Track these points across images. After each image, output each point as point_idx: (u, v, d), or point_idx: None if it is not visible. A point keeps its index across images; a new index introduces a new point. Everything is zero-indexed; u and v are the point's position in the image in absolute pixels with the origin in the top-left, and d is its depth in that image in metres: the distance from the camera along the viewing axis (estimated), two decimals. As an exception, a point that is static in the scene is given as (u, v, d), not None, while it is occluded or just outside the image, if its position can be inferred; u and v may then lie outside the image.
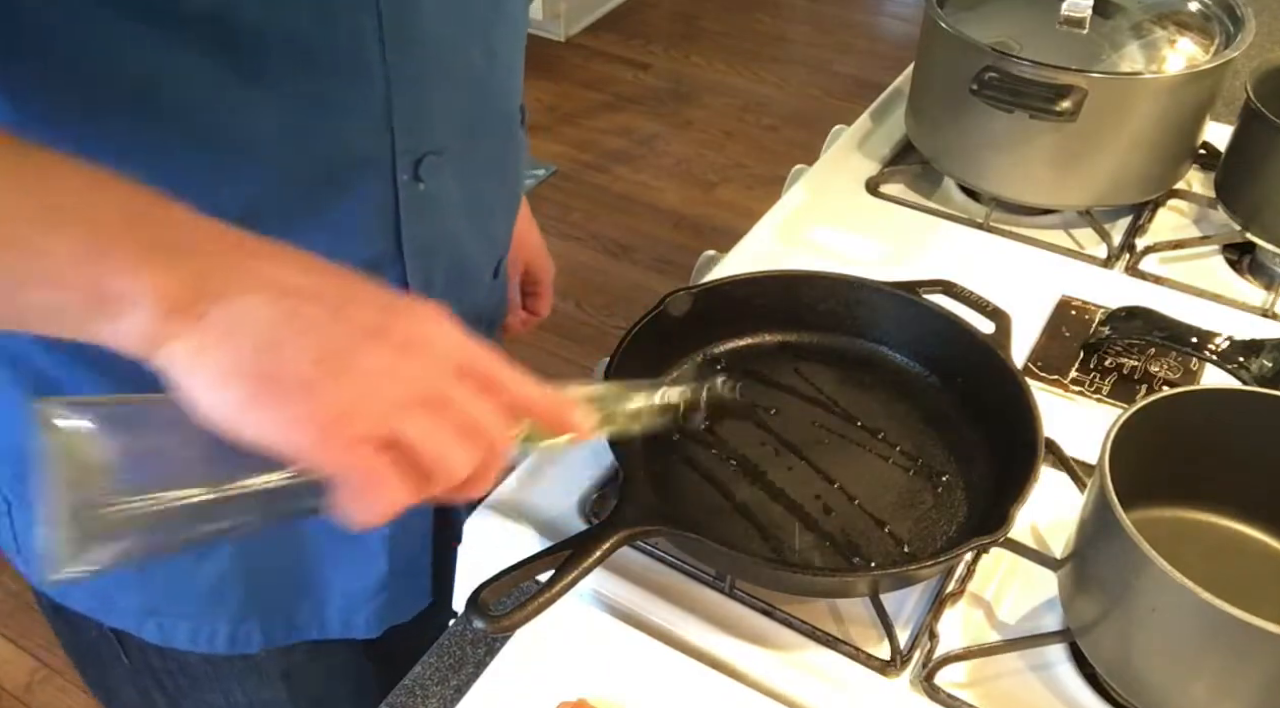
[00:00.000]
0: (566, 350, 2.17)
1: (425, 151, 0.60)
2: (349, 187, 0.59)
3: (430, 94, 0.59)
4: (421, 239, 0.63)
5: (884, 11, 3.43)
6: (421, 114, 0.59)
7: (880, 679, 0.65)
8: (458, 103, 0.62)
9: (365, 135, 0.57)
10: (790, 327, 0.82)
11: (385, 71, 0.55)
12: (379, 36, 0.54)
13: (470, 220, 0.69)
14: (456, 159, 0.63)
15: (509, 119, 0.71)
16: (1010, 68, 0.91)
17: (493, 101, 0.66)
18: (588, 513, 0.74)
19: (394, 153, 0.58)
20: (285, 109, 0.54)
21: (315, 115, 0.55)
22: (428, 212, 0.63)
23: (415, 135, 0.59)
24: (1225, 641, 0.54)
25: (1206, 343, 0.81)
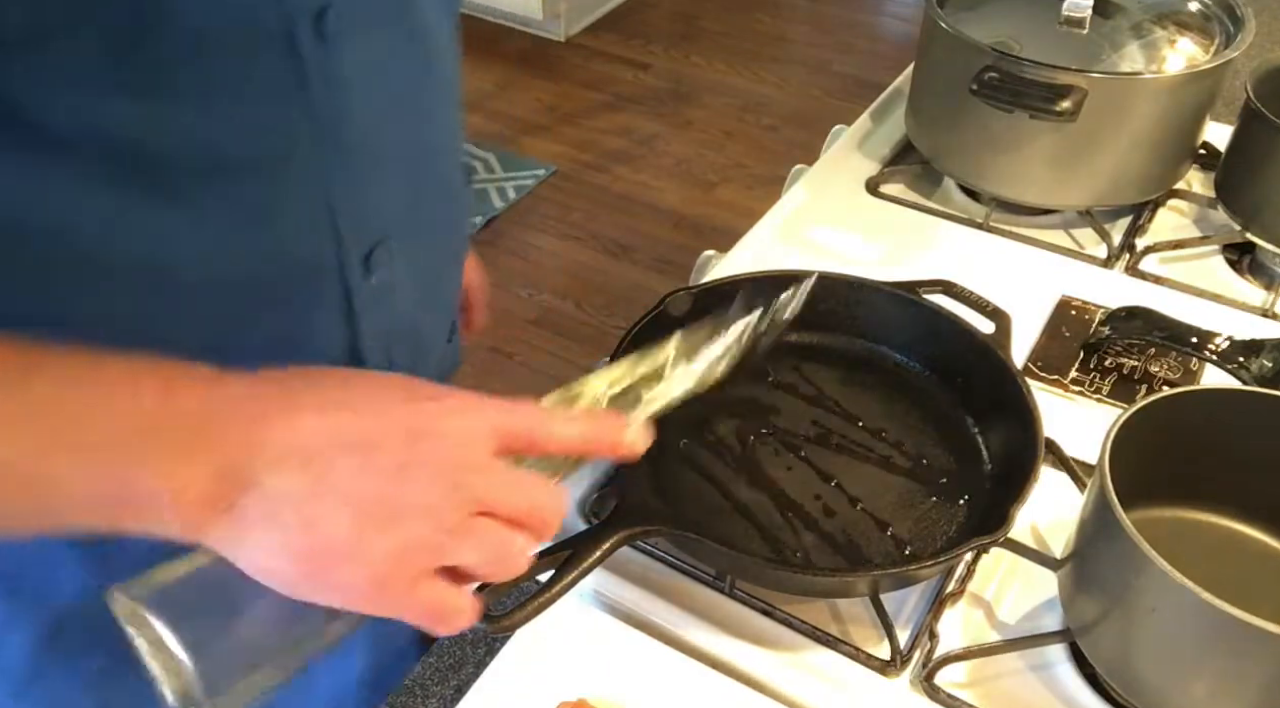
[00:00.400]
0: (566, 350, 2.17)
1: (373, 245, 0.57)
2: (299, 296, 0.56)
3: (371, 185, 0.56)
4: (378, 331, 0.61)
5: (884, 11, 3.43)
6: (365, 208, 0.56)
7: (880, 679, 0.65)
8: (399, 184, 0.59)
9: (310, 242, 0.54)
10: (790, 326, 0.82)
11: (324, 174, 0.52)
12: (315, 140, 0.51)
13: (423, 295, 0.66)
14: (404, 242, 0.60)
15: (452, 181, 0.67)
16: (1010, 68, 0.91)
17: (434, 171, 0.63)
18: (588, 513, 0.74)
19: (341, 253, 0.55)
20: (222, 230, 0.51)
21: (254, 232, 0.52)
22: (382, 303, 0.60)
23: (361, 231, 0.56)
24: (1225, 641, 0.54)
25: (1206, 343, 0.81)
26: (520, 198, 2.54)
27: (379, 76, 0.54)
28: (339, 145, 0.52)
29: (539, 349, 2.18)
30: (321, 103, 0.50)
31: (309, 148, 0.51)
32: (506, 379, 2.11)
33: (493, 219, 2.48)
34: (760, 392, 0.79)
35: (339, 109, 0.51)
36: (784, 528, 0.69)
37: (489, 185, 2.57)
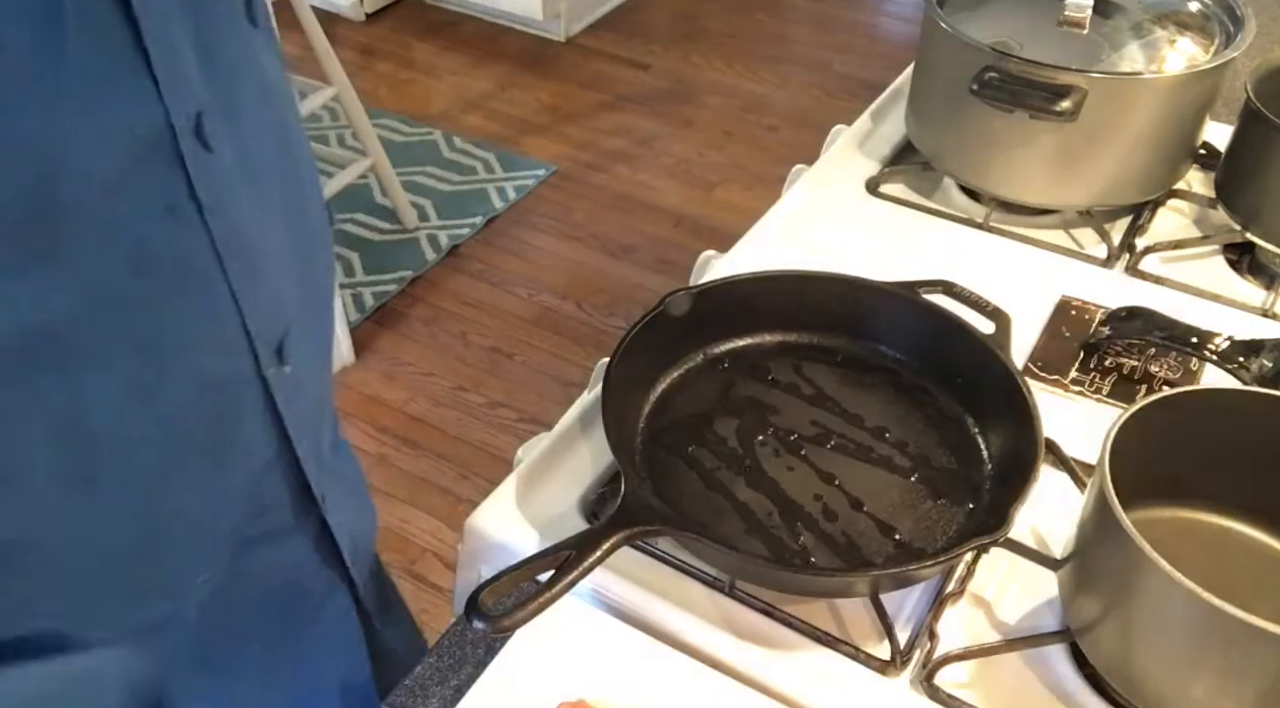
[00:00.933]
0: (566, 351, 2.17)
1: (282, 334, 0.56)
2: (225, 411, 0.54)
3: (268, 275, 0.54)
4: (303, 421, 0.60)
5: (884, 11, 3.43)
6: (269, 300, 0.54)
7: (880, 679, 0.65)
8: (290, 264, 0.57)
9: (224, 355, 0.53)
10: (790, 327, 0.82)
11: (228, 283, 0.51)
12: (213, 253, 0.49)
13: (321, 360, 0.66)
14: (303, 323, 0.59)
15: (322, 223, 0.65)
16: (1010, 68, 0.91)
17: (310, 227, 0.61)
18: (588, 513, 0.74)
19: (255, 353, 0.54)
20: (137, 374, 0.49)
21: (169, 362, 0.50)
22: (301, 391, 0.59)
23: (270, 324, 0.54)
24: (1225, 641, 0.54)
25: (1206, 343, 0.81)
26: (520, 198, 2.54)
27: (254, 168, 0.52)
28: (235, 249, 0.51)
29: (539, 349, 2.18)
30: (212, 212, 0.49)
31: (207, 261, 0.50)
32: (506, 379, 2.11)
33: (493, 219, 2.48)
34: (761, 392, 0.79)
35: (230, 213, 0.50)
36: (784, 528, 0.69)
37: (489, 185, 2.57)
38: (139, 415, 0.50)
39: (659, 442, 0.75)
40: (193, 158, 0.46)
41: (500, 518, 0.74)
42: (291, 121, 0.59)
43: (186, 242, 0.48)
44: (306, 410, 0.61)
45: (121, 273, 0.46)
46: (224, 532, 0.59)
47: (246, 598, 0.63)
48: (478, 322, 2.24)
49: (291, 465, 0.61)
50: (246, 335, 0.53)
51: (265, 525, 0.62)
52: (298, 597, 0.67)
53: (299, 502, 0.64)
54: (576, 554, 0.59)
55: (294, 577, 0.66)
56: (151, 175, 0.45)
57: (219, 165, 0.48)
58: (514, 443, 1.94)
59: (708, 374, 0.80)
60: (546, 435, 0.80)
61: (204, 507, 0.57)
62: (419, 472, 1.93)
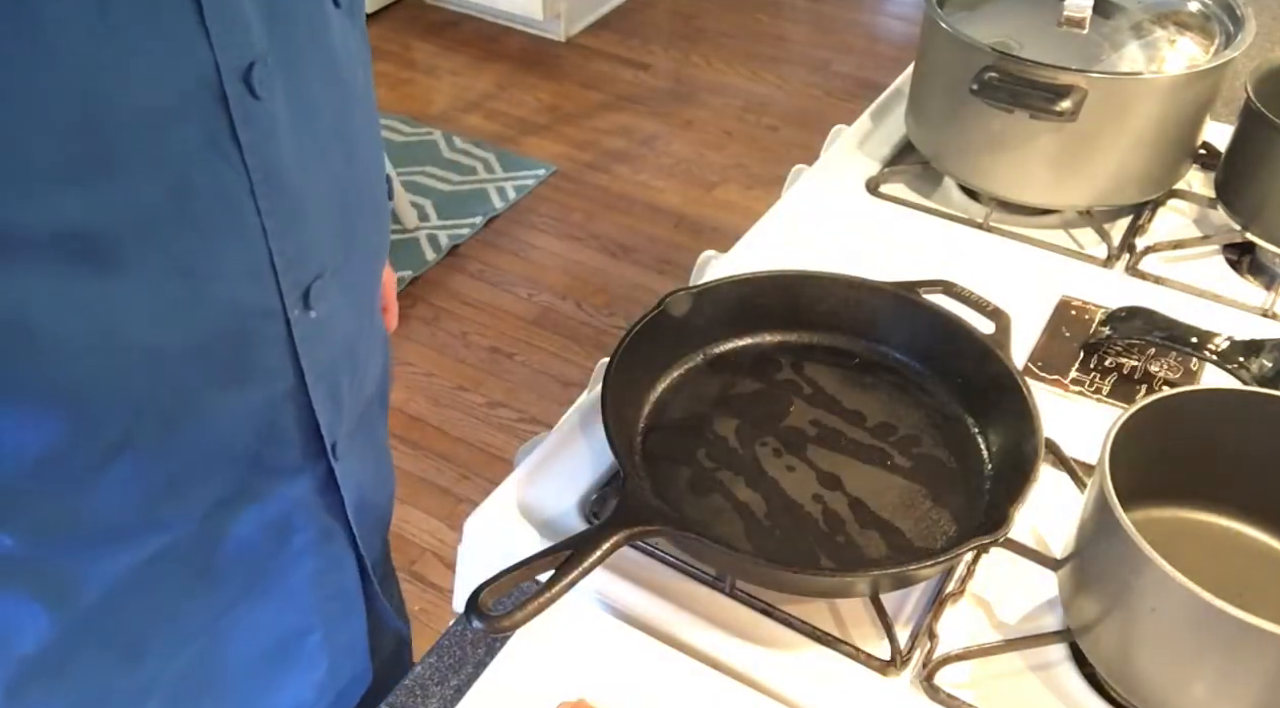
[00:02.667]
0: (566, 351, 2.17)
1: (310, 281, 0.58)
2: (244, 343, 0.57)
3: (305, 225, 0.57)
4: (321, 365, 0.62)
5: (884, 11, 3.43)
6: (301, 247, 0.57)
7: (880, 679, 0.65)
8: (331, 220, 0.60)
9: (252, 288, 0.55)
10: (790, 327, 0.82)
11: (260, 222, 0.53)
12: (250, 191, 0.52)
13: (358, 321, 0.68)
14: (338, 273, 0.61)
15: (378, 207, 0.68)
16: (1010, 68, 0.91)
17: (361, 201, 0.64)
18: (588, 513, 0.74)
19: (281, 293, 0.56)
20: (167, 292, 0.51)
21: (198, 288, 0.53)
22: (323, 337, 0.61)
23: (298, 268, 0.57)
24: (1225, 641, 0.54)
25: (1206, 343, 0.81)
26: (520, 198, 2.54)
27: (305, 121, 0.55)
28: (272, 191, 0.53)
29: (539, 349, 2.18)
30: (253, 154, 0.51)
31: (243, 198, 0.52)
32: (506, 379, 2.11)
33: (493, 219, 2.48)
34: (761, 392, 0.79)
35: (270, 158, 0.52)
36: (784, 528, 0.69)
37: (489, 185, 2.57)
38: (169, 332, 0.52)
39: (659, 442, 0.75)
40: (238, 103, 0.49)
41: (500, 518, 0.74)
42: (356, 85, 0.61)
43: (225, 178, 0.51)
44: (328, 358, 0.63)
45: (163, 197, 0.49)
46: (238, 453, 0.61)
47: (246, 518, 0.65)
48: (478, 322, 2.24)
49: (305, 407, 0.63)
50: (274, 274, 0.55)
51: (276, 455, 0.64)
52: (293, 530, 0.69)
53: (309, 443, 0.65)
54: (576, 554, 0.59)
55: (292, 511, 0.68)
56: (197, 113, 0.48)
57: (264, 111, 0.51)
58: (514, 443, 1.94)
59: (708, 374, 0.80)
60: (546, 435, 0.80)
61: (223, 423, 0.59)
62: (419, 472, 1.93)
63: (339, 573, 0.74)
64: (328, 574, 0.73)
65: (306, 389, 0.62)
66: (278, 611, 0.71)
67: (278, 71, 0.51)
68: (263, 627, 0.70)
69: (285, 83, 0.52)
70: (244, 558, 0.66)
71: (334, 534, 0.72)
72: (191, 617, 0.66)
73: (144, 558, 0.60)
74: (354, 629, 0.78)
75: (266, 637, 0.71)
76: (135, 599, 0.61)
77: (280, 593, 0.70)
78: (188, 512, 0.61)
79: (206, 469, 0.60)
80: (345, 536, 0.73)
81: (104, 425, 0.53)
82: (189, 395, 0.56)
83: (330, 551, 0.73)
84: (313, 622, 0.73)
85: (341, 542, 0.73)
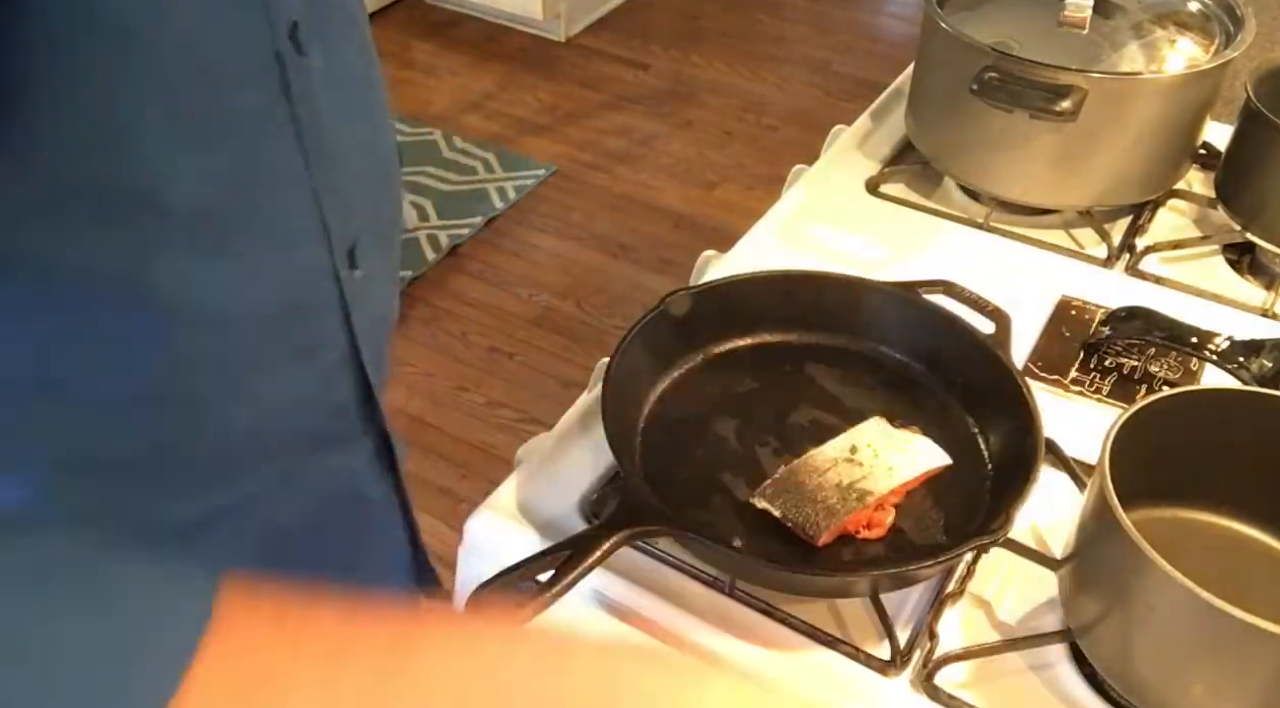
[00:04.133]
0: (566, 351, 2.17)
1: (354, 240, 0.60)
2: (305, 309, 0.58)
3: (346, 183, 0.59)
4: (366, 323, 0.63)
5: (884, 11, 3.43)
6: (344, 206, 0.58)
7: (880, 679, 0.65)
8: (364, 181, 0.62)
9: (309, 248, 0.57)
10: (790, 327, 0.82)
11: (311, 182, 0.55)
12: (301, 151, 0.54)
13: (389, 285, 0.69)
14: (373, 234, 0.63)
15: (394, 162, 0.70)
16: (1010, 68, 0.91)
17: (384, 164, 0.66)
18: (588, 513, 0.74)
19: (332, 254, 0.58)
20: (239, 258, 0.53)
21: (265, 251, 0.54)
22: (367, 295, 0.62)
23: (344, 229, 0.58)
24: (1225, 641, 0.54)
25: (1206, 343, 0.81)
26: (520, 198, 2.54)
27: (339, 82, 0.57)
28: (318, 150, 0.55)
29: (539, 349, 2.18)
30: (302, 112, 0.53)
31: (296, 158, 0.54)
32: (506, 379, 2.11)
33: (493, 219, 2.48)
34: (761, 392, 0.79)
35: (315, 116, 0.54)
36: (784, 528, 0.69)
37: (489, 185, 2.57)
38: (239, 302, 0.53)
39: (659, 442, 0.75)
40: (290, 59, 0.51)
41: (500, 518, 0.74)
42: (371, 50, 0.63)
43: (282, 138, 0.52)
44: (372, 319, 0.64)
45: (239, 162, 0.50)
46: (304, 426, 0.62)
47: (312, 497, 0.65)
48: (478, 322, 2.24)
49: (358, 370, 0.64)
50: (326, 233, 0.57)
51: (337, 426, 0.65)
52: (358, 501, 0.69)
53: (364, 408, 0.66)
54: (576, 554, 0.59)
55: (356, 481, 0.68)
56: (262, 73, 0.50)
57: (310, 69, 0.53)
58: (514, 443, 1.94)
59: (708, 374, 0.80)
60: (546, 435, 0.80)
61: (293, 396, 0.60)
62: (419, 472, 1.93)
63: (401, 549, 0.75)
64: (384, 541, 0.74)
65: (359, 354, 0.63)
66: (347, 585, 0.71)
67: (314, 32, 0.53)
68: None
69: (321, 46, 0.54)
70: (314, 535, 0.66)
71: (389, 500, 0.73)
72: None
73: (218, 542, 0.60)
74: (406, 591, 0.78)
75: None
76: None
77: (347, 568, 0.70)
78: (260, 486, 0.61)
79: (278, 442, 0.61)
80: (396, 499, 0.74)
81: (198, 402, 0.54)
82: (268, 368, 0.57)
83: (385, 516, 0.73)
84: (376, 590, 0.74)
85: (394, 506, 0.74)
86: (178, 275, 0.50)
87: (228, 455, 0.58)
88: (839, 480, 0.69)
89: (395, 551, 0.77)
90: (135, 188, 0.47)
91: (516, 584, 0.59)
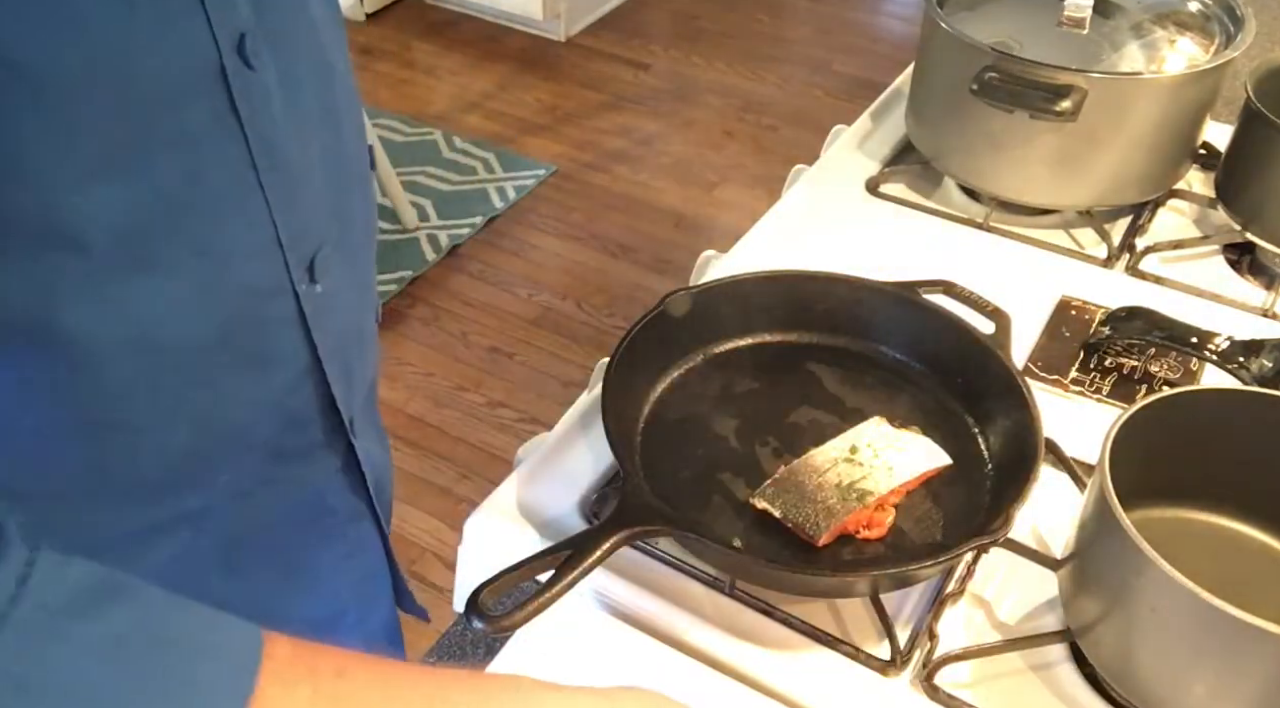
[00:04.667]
0: (566, 351, 2.17)
1: (313, 254, 0.58)
2: (262, 322, 0.57)
3: (302, 197, 0.57)
4: (332, 341, 0.62)
5: (884, 11, 3.43)
6: (301, 219, 0.57)
7: (880, 679, 0.64)
8: (323, 192, 0.60)
9: (263, 265, 0.56)
10: (790, 327, 0.82)
11: (264, 196, 0.54)
12: (252, 166, 0.52)
13: (360, 296, 0.68)
14: (336, 245, 0.61)
15: (362, 168, 0.68)
16: (1010, 68, 0.91)
17: (349, 172, 0.64)
18: (588, 513, 0.74)
19: (288, 268, 0.57)
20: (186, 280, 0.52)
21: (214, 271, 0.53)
22: (329, 309, 0.61)
23: (301, 241, 0.57)
24: (1225, 641, 0.54)
25: (1206, 343, 0.81)
26: (520, 198, 2.54)
27: (294, 92, 0.56)
28: (272, 164, 0.54)
29: (539, 349, 2.18)
30: (252, 127, 0.52)
31: (247, 173, 0.53)
32: (506, 379, 2.11)
33: (493, 219, 2.48)
34: (761, 392, 0.79)
35: (268, 129, 0.53)
36: (785, 528, 0.69)
37: (489, 185, 2.57)
38: (191, 324, 0.53)
39: (659, 442, 0.75)
40: (236, 75, 0.50)
41: (500, 518, 0.74)
42: (336, 61, 0.62)
43: (231, 154, 0.52)
44: (337, 334, 0.63)
45: (181, 181, 0.50)
46: (259, 439, 0.61)
47: (272, 507, 0.65)
48: (478, 322, 2.24)
49: (320, 383, 0.63)
50: (280, 247, 0.56)
51: (296, 440, 0.64)
52: (322, 513, 0.69)
53: (327, 422, 0.66)
54: (576, 554, 0.59)
55: (319, 494, 0.68)
56: (205, 89, 0.49)
57: (259, 83, 0.52)
58: (514, 443, 1.94)
59: (708, 374, 0.80)
60: (546, 435, 0.80)
61: (244, 411, 0.59)
62: (419, 472, 1.93)
63: (366, 554, 0.75)
64: (357, 556, 0.73)
65: (321, 367, 0.62)
66: (312, 596, 0.71)
67: (264, 44, 0.52)
68: (297, 614, 0.70)
69: (272, 56, 0.53)
70: (275, 545, 0.66)
71: (360, 515, 0.72)
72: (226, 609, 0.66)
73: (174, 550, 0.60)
74: (385, 610, 0.78)
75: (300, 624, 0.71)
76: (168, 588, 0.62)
77: (313, 578, 0.70)
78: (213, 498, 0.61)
79: (229, 456, 0.60)
80: (370, 515, 0.73)
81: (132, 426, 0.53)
82: (211, 386, 0.56)
83: (358, 531, 0.73)
84: (346, 605, 0.73)
85: (368, 522, 0.73)
86: (97, 306, 0.48)
87: (172, 474, 0.57)
88: (839, 480, 0.69)
89: (371, 568, 0.76)
90: (41, 225, 0.45)
91: (516, 584, 0.59)
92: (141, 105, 0.46)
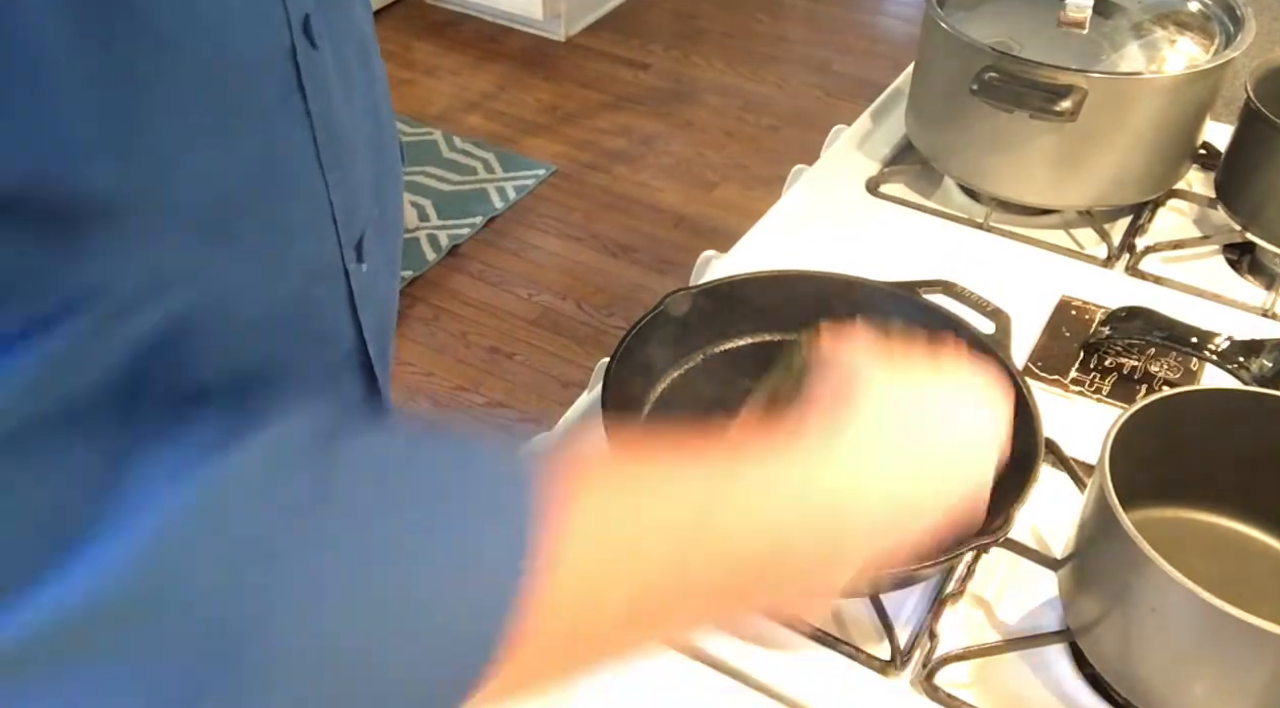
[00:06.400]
0: (566, 351, 2.17)
1: (360, 234, 0.60)
2: (316, 304, 0.58)
3: (354, 177, 0.58)
4: (374, 322, 0.63)
5: (884, 11, 3.43)
6: (351, 199, 0.58)
7: (880, 679, 0.64)
8: (367, 175, 0.61)
9: (321, 243, 0.57)
10: (791, 327, 0.82)
11: (323, 174, 0.55)
12: (313, 142, 0.53)
13: (392, 280, 0.69)
14: (376, 228, 0.63)
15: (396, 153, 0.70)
16: (1010, 68, 0.91)
17: (387, 158, 0.66)
18: (588, 513, 0.74)
19: (340, 247, 0.58)
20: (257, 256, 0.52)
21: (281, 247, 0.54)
22: (374, 292, 0.63)
23: (351, 222, 0.58)
24: (1225, 641, 0.54)
25: (1206, 343, 0.81)
26: (520, 198, 2.54)
27: (345, 75, 0.57)
28: (330, 142, 0.55)
29: (539, 349, 2.18)
30: (315, 104, 0.53)
31: (309, 150, 0.54)
32: (506, 379, 2.11)
33: (493, 219, 2.48)
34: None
35: (326, 108, 0.54)
36: (784, 528, 0.69)
37: (489, 185, 2.57)
38: (261, 298, 0.53)
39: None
40: (303, 53, 0.51)
41: (500, 518, 0.74)
42: (372, 46, 0.64)
43: (296, 131, 0.52)
44: (377, 315, 0.64)
45: (257, 156, 0.50)
46: None
47: None
48: (478, 322, 2.24)
49: (365, 365, 0.64)
50: (335, 226, 0.57)
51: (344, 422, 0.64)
52: None
53: (368, 405, 0.66)
54: (576, 554, 0.59)
55: None
56: (279, 64, 0.50)
57: (321, 62, 0.53)
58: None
59: (708, 374, 0.80)
60: (546, 436, 0.80)
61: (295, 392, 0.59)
62: (419, 472, 1.92)
63: None
64: None
65: (365, 348, 0.63)
66: None
67: (324, 26, 0.53)
68: None
69: (329, 39, 0.54)
70: None
71: None
72: None
73: None
74: None
75: None
76: None
77: None
78: None
79: None
80: None
81: None
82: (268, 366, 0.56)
83: None
84: None
85: None
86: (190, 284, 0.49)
87: None
88: None
89: None
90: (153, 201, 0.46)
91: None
92: (233, 74, 0.47)
